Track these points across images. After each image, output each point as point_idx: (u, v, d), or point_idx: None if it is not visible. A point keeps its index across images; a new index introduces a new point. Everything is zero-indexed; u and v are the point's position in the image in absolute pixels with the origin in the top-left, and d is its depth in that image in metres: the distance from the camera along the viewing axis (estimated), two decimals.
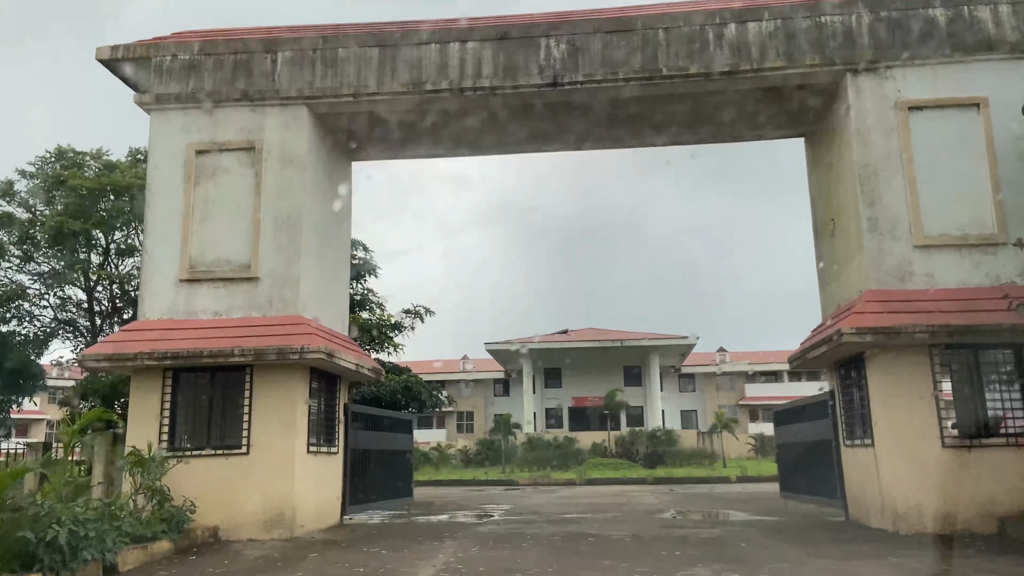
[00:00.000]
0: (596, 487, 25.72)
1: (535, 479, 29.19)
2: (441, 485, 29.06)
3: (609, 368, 58.78)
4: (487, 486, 27.84)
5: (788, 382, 62.38)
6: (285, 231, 11.05)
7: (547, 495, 20.32)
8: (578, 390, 60.05)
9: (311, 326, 10.81)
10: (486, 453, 47.98)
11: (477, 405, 66.00)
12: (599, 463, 38.92)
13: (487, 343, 51.61)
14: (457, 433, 64.03)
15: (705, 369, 63.47)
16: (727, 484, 26.38)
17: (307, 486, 10.84)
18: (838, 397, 11.16)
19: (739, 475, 27.62)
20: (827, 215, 11.29)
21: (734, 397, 63.26)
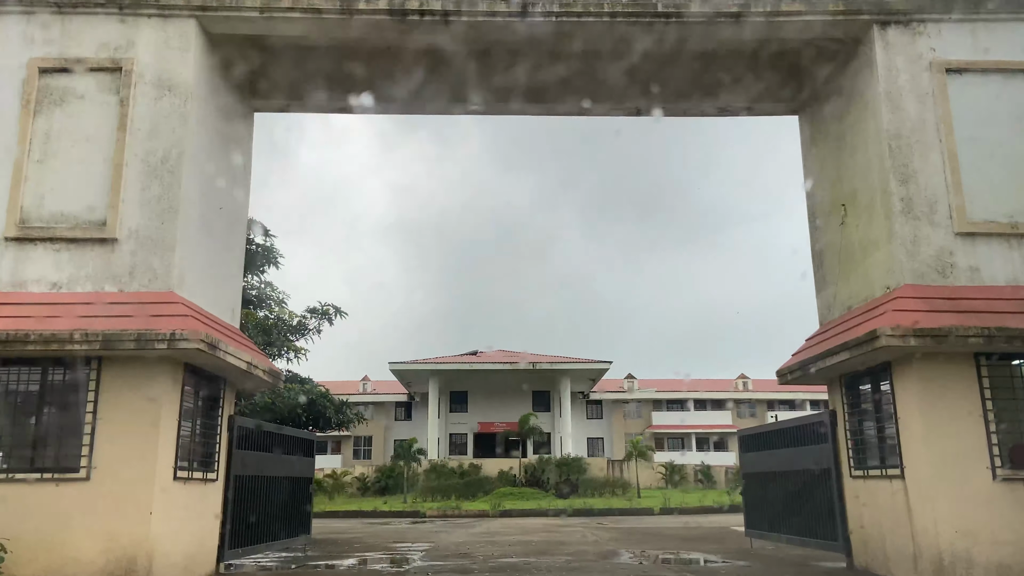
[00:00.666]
0: (514, 520, 23.33)
1: (443, 510, 26.50)
2: (338, 517, 25.90)
3: (517, 393, 56.71)
4: (391, 518, 24.95)
5: (695, 411, 62.20)
6: (158, 180, 8.30)
7: (465, 530, 17.77)
8: (485, 415, 57.64)
9: (188, 307, 8.07)
10: (386, 481, 44.73)
11: (377, 430, 62.40)
12: (508, 492, 36.54)
13: (391, 362, 48.55)
14: (354, 459, 60.16)
15: (614, 396, 62.41)
16: (652, 516, 24.60)
17: (171, 524, 8.02)
18: (843, 417, 9.31)
19: (662, 506, 25.89)
20: (834, 200, 9.52)
21: (641, 425, 62.43)
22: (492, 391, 56.42)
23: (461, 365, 50.09)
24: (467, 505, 29.88)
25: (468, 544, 13.60)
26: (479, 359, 51.03)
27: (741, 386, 62.71)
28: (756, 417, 62.29)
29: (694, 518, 22.76)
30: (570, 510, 25.94)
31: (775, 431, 11.45)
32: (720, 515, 23.77)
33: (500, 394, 56.43)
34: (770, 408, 62.25)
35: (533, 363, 49.14)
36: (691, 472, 44.31)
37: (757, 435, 12.26)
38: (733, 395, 62.13)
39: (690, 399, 62.32)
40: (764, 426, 12.13)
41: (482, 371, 50.59)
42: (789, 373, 9.85)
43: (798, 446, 10.43)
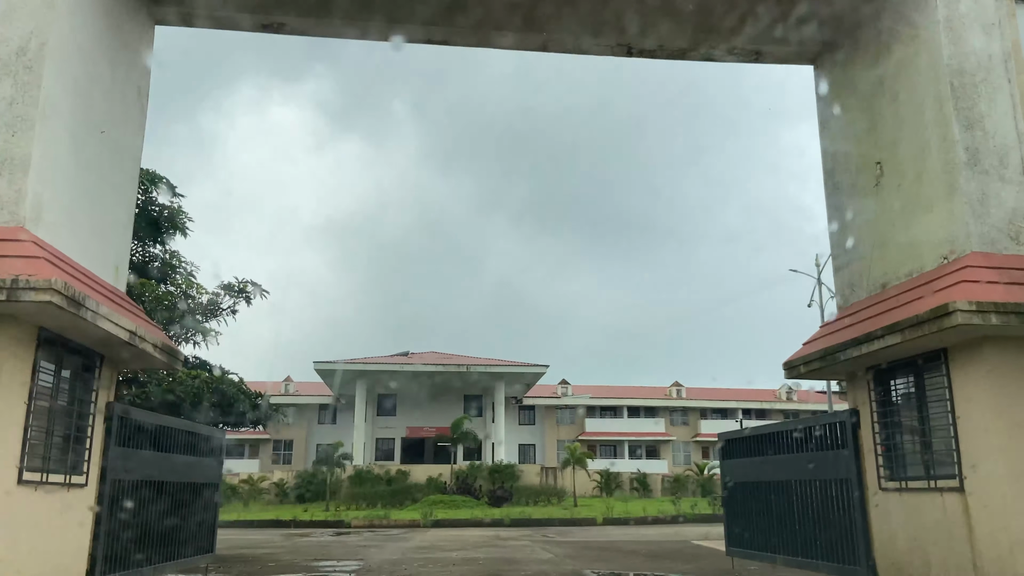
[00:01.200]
0: (449, 532, 21.35)
1: (370, 520, 24.29)
2: (253, 527, 23.38)
3: (449, 397, 54.68)
4: (312, 529, 22.60)
5: (628, 418, 61.35)
6: (10, 77, 6.11)
7: (397, 544, 15.71)
8: (414, 420, 55.33)
9: (43, 248, 5.90)
10: (307, 488, 41.95)
11: (299, 433, 59.20)
12: (439, 500, 34.44)
13: (316, 362, 45.79)
14: (273, 464, 56.84)
15: (548, 401, 60.97)
16: (596, 527, 23.04)
17: (14, 543, 5.84)
18: (870, 418, 7.79)
19: (605, 516, 24.37)
20: (864, 159, 8.02)
21: (574, 431, 61.15)
22: (422, 395, 54.16)
23: (390, 366, 47.73)
24: (396, 514, 27.72)
25: (404, 563, 11.61)
26: (410, 360, 48.77)
27: (675, 394, 62.23)
28: (688, 425, 61.96)
29: (641, 530, 21.30)
30: (508, 520, 24.14)
31: (772, 434, 9.89)
32: (669, 526, 22.38)
33: (430, 398, 54.24)
34: (702, 416, 61.99)
35: (467, 366, 47.20)
36: (627, 480, 43.14)
37: (746, 439, 10.69)
38: (667, 403, 61.56)
39: (624, 406, 61.44)
40: (758, 428, 10.59)
41: (413, 373, 48.34)
42: (803, 364, 8.29)
43: (805, 452, 8.89)
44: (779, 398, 62.70)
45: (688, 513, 24.34)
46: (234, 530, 22.48)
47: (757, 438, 10.30)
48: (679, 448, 61.08)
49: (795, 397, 62.66)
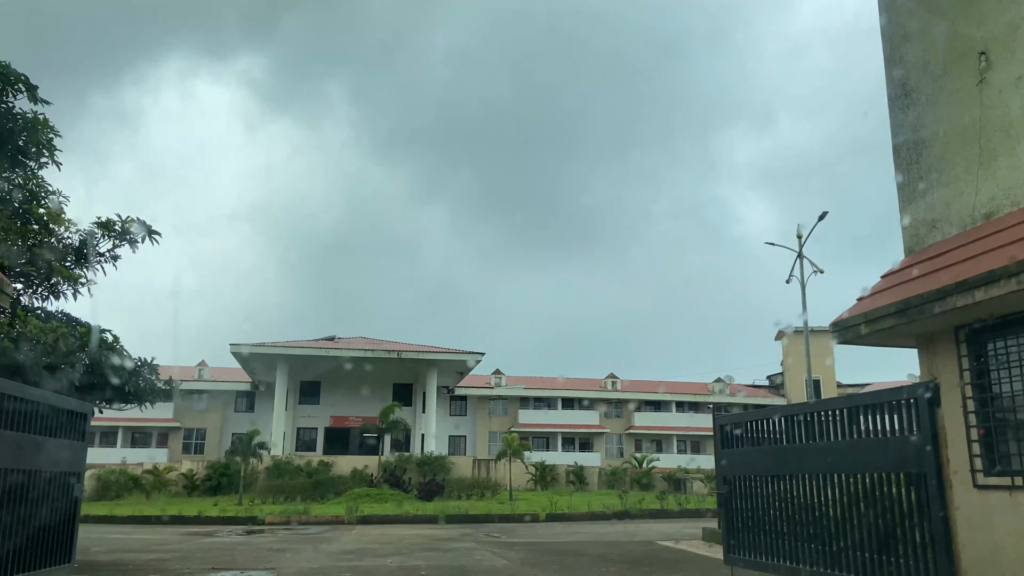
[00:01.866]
0: (379, 529, 18.96)
1: (287, 516, 21.65)
2: (150, 524, 20.47)
3: (376, 385, 52.00)
4: (220, 526, 19.83)
5: (562, 409, 59.86)
6: None
7: (319, 547, 13.29)
8: (338, 408, 52.43)
9: None
10: (219, 479, 38.70)
11: (213, 421, 55.44)
12: (365, 494, 31.87)
13: (233, 344, 42.36)
14: (184, 454, 52.95)
15: (480, 392, 58.88)
16: (541, 524, 21.05)
17: None
18: (962, 392, 5.93)
19: (548, 512, 22.41)
20: (956, 51, 6.14)
21: (507, 423, 59.30)
22: (348, 383, 51.29)
23: (315, 351, 44.67)
24: (317, 509, 25.09)
25: (328, 573, 9.27)
26: (336, 345, 45.81)
27: (610, 386, 61.05)
28: (622, 418, 60.92)
29: (593, 527, 19.42)
30: (443, 517, 21.89)
31: (797, 417, 7.96)
32: (620, 523, 20.59)
33: (357, 386, 51.39)
34: (637, 409, 61.04)
35: (398, 352, 44.58)
36: (563, 473, 41.43)
37: (756, 423, 8.75)
38: (602, 395, 60.33)
39: (558, 397, 59.92)
40: (773, 409, 8.65)
41: (339, 359, 45.38)
42: (866, 324, 6.36)
43: (851, 438, 7.00)
44: (712, 391, 62.34)
45: (635, 508, 22.63)
46: (127, 527, 19.53)
47: (773, 421, 8.38)
48: (612, 440, 59.99)
49: (727, 391, 62.43)
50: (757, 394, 63.59)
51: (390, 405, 36.12)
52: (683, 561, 10.60)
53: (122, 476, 35.77)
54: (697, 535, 14.18)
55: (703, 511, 23.07)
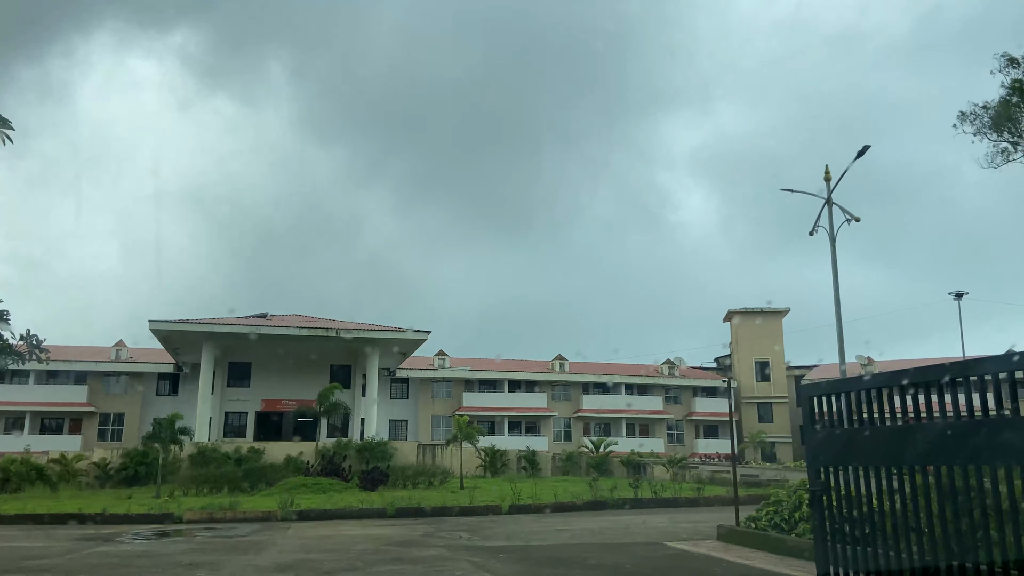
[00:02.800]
0: (319, 529, 16.16)
1: (210, 512, 18.59)
2: (45, 524, 17.13)
3: (312, 367, 48.57)
4: (128, 526, 16.68)
5: (509, 392, 57.56)
6: None
7: (249, 558, 10.45)
8: (271, 391, 48.83)
9: None
10: (135, 468, 35.00)
11: (131, 406, 51.15)
12: (301, 484, 28.84)
13: (152, 321, 38.44)
14: (99, 441, 48.56)
15: (423, 374, 56.04)
16: (507, 516, 18.62)
17: None
18: None
19: (512, 504, 19.95)
20: None
21: (451, 406, 56.76)
22: (282, 364, 47.81)
23: (244, 328, 41.04)
24: (247, 502, 22.04)
25: None
26: (268, 323, 42.25)
27: (558, 367, 59.05)
28: (571, 400, 59.03)
29: (566, 520, 17.09)
30: (392, 510, 19.17)
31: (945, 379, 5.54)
32: (600, 516, 18.32)
33: (291, 368, 47.97)
34: (585, 391, 59.24)
35: (336, 330, 41.36)
36: (514, 458, 39.09)
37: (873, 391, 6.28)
38: (549, 376, 58.28)
39: (504, 379, 57.57)
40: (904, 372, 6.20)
41: (271, 337, 41.89)
42: None
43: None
44: (661, 374, 61.03)
45: (609, 498, 20.39)
46: (10, 530, 16.18)
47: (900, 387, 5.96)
48: (560, 424, 58.06)
49: (676, 373, 61.21)
50: (706, 376, 62.58)
51: (329, 387, 33.11)
52: (715, 571, 8.20)
53: (24, 466, 31.73)
54: (707, 533, 11.92)
55: (678, 500, 21.03)
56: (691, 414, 59.65)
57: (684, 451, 56.30)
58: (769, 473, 31.90)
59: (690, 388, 60.59)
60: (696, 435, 59.80)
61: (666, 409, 58.79)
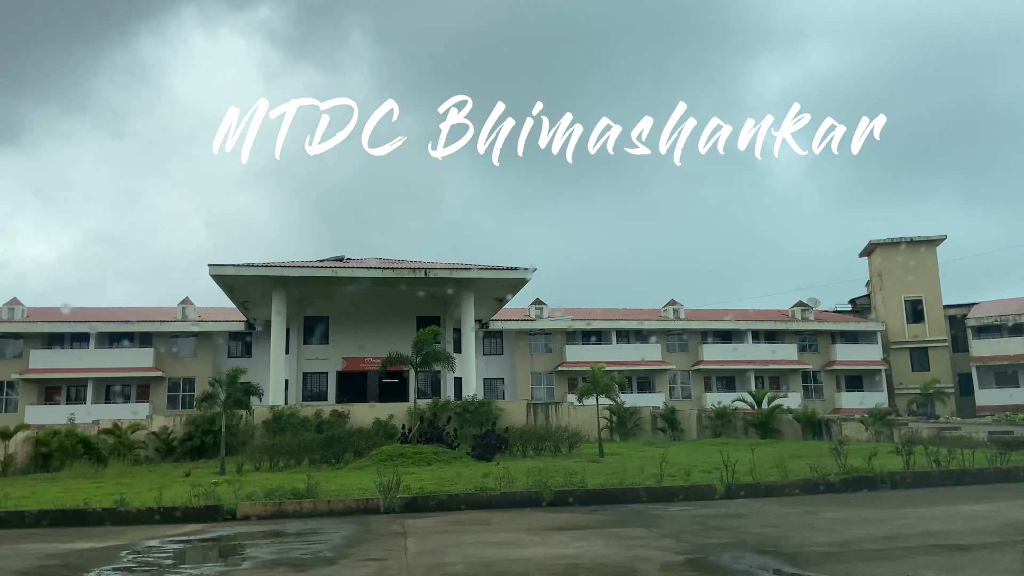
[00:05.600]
0: (449, 531, 9.52)
1: (280, 503, 12.12)
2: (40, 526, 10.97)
3: (395, 320, 42.47)
4: (145, 528, 10.41)
5: (615, 343, 50.41)
6: None
7: None
8: (351, 349, 42.95)
9: None
10: (202, 438, 29.62)
11: (201, 370, 46.19)
12: (398, 453, 22.52)
13: (212, 265, 32.71)
14: (169, 409, 43.89)
15: (518, 326, 49.42)
16: (730, 502, 11.65)
17: None
18: None
19: (730, 482, 12.84)
20: None
21: (551, 362, 50.06)
22: (362, 317, 41.90)
23: (318, 271, 34.96)
24: (331, 481, 15.68)
25: None
26: (346, 265, 36.06)
27: (671, 314, 51.48)
28: (688, 352, 51.46)
29: (860, 510, 10.04)
30: (549, 494, 12.35)
31: None
32: (882, 500, 11.17)
33: (373, 322, 42.00)
34: (704, 340, 51.58)
35: (426, 269, 34.82)
36: (648, 417, 32.06)
37: None
38: (663, 324, 50.81)
39: (611, 329, 50.40)
40: None
41: (350, 283, 35.80)
42: None
43: None
44: (792, 318, 52.68)
45: (872, 472, 13.08)
46: None
47: None
48: (676, 379, 50.63)
49: (811, 316, 52.75)
50: (847, 319, 53.94)
51: (426, 331, 26.62)
52: None
53: (68, 439, 26.54)
54: None
55: (985, 473, 13.61)
56: (831, 363, 51.23)
57: (825, 406, 48.22)
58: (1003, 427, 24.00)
59: (828, 334, 52.14)
60: (837, 387, 51.48)
61: (802, 358, 50.56)
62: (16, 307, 45.05)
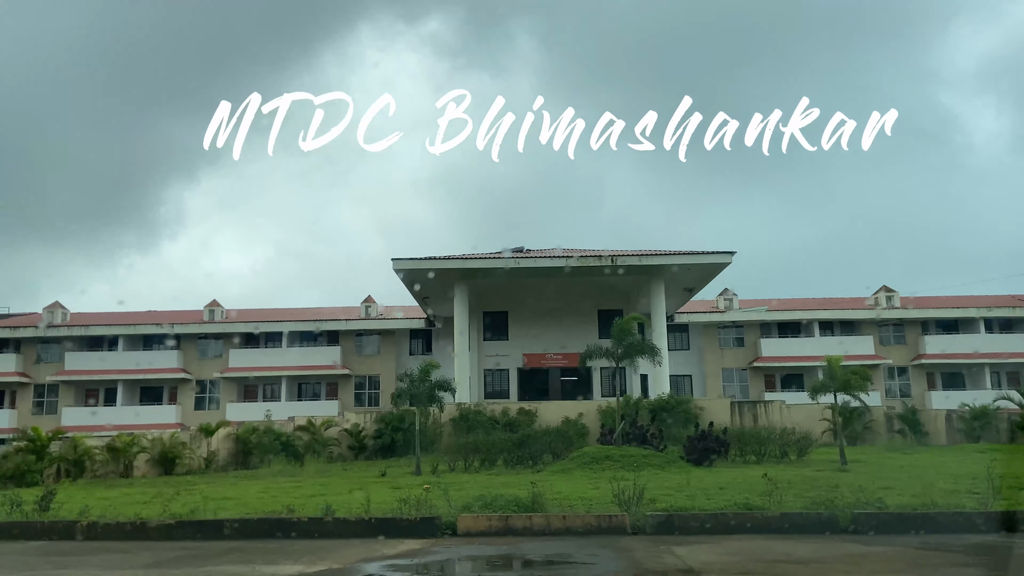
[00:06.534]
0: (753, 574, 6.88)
1: (507, 517, 10.02)
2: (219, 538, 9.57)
3: (576, 314, 40.31)
4: (354, 545, 8.67)
5: (820, 336, 45.34)
6: None
7: None
8: (531, 344, 41.21)
9: None
10: (392, 436, 28.79)
11: (385, 367, 46.49)
12: (603, 455, 20.19)
13: (396, 259, 32.05)
14: (356, 406, 44.36)
15: (706, 318, 45.70)
16: None
17: None
18: None
19: None
20: None
21: (744, 357, 45.86)
22: (542, 312, 40.05)
23: (499, 262, 33.41)
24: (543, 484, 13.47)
25: None
26: (530, 255, 34.25)
27: (884, 301, 45.60)
28: (907, 345, 45.35)
29: None
30: (846, 519, 9.38)
31: None
32: None
33: (553, 316, 40.07)
34: (924, 331, 45.27)
35: (613, 257, 32.29)
36: (882, 418, 27.65)
37: None
38: (874, 314, 45.08)
39: (813, 320, 45.39)
40: None
41: (531, 274, 34.04)
42: None
43: None
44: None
45: None
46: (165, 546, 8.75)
47: None
48: (894, 375, 44.73)
49: None
50: None
51: (629, 318, 23.95)
52: None
53: (266, 436, 26.55)
54: None
55: None
56: None
57: None
58: None
59: None
60: None
61: None
62: (216, 309, 47.46)
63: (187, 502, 12.04)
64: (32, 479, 20.13)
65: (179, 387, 45.73)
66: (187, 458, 24.79)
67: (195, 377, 45.64)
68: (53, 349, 45.91)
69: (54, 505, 10.90)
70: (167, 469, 24.08)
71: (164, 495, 14.50)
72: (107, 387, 45.15)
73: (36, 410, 44.52)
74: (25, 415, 43.72)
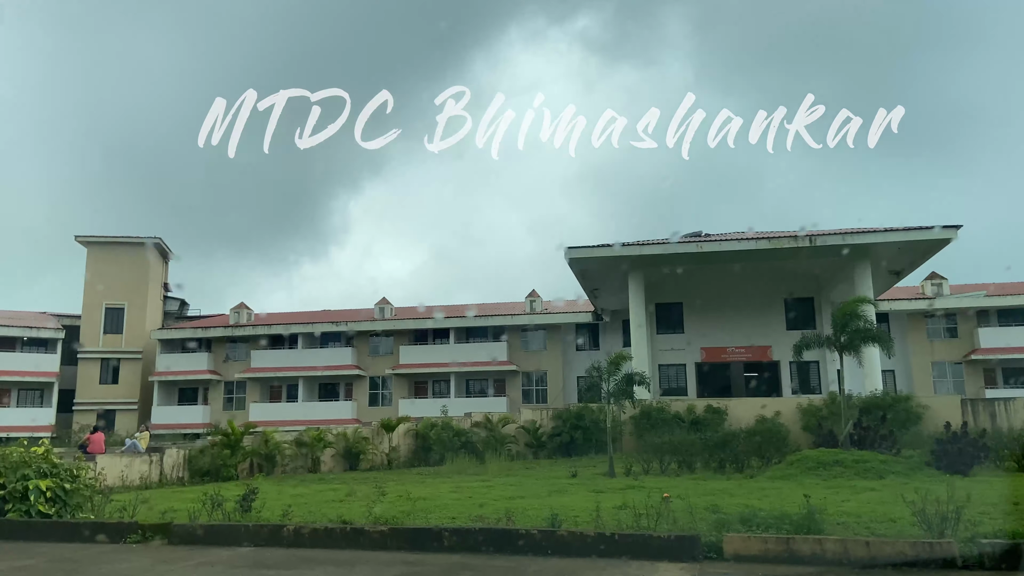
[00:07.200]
0: None
1: (788, 539, 7.89)
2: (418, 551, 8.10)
3: (758, 303, 37.07)
4: (610, 564, 6.91)
5: None
6: None
7: None
8: (708, 338, 38.33)
9: None
10: (571, 434, 27.14)
11: (552, 363, 45.13)
12: (833, 459, 17.40)
13: (570, 247, 30.38)
14: (523, 402, 43.29)
15: (910, 305, 40.72)
16: None
17: None
18: None
19: None
20: None
21: (957, 349, 40.43)
22: (720, 302, 37.14)
23: (682, 247, 30.88)
24: (772, 494, 11.15)
25: None
26: (712, 239, 31.49)
27: None
28: None
29: None
30: None
31: None
32: None
33: (732, 307, 37.07)
34: None
35: (810, 236, 28.87)
36: None
37: None
38: None
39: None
40: None
41: (714, 259, 31.30)
42: None
43: None
44: None
45: None
46: None
47: None
48: None
49: None
50: None
51: (853, 300, 20.88)
52: None
53: (445, 432, 25.74)
54: None
55: None
56: None
57: None
58: None
59: None
60: None
61: None
62: (385, 307, 48.09)
63: (388, 503, 10.88)
64: (227, 473, 20.24)
65: (354, 383, 46.67)
66: (370, 453, 24.40)
67: (368, 374, 46.41)
68: (240, 348, 48.30)
69: (254, 504, 10.04)
70: (351, 464, 23.76)
71: (358, 493, 13.63)
72: (288, 383, 46.88)
73: (227, 405, 46.96)
74: (217, 410, 46.22)
